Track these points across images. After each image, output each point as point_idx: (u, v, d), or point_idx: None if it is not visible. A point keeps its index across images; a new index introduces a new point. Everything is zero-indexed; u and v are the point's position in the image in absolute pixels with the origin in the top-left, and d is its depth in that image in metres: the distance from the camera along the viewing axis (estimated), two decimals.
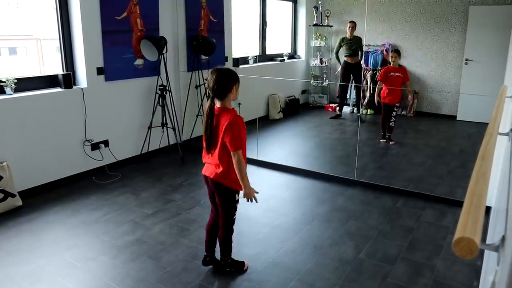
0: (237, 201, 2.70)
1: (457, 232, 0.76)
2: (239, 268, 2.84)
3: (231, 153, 2.49)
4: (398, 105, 5.89)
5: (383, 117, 5.95)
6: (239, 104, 6.56)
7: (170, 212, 3.72)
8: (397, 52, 5.77)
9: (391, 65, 5.79)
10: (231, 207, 2.68)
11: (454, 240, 0.74)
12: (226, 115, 2.48)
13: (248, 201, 2.59)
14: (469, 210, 0.84)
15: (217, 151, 2.53)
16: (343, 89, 7.40)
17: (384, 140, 5.99)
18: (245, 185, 2.56)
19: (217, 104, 2.51)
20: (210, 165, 2.63)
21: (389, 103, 5.80)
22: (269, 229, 3.43)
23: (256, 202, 2.62)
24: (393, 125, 5.88)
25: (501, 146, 2.76)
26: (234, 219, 2.74)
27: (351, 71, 7.17)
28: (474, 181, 1.01)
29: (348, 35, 7.09)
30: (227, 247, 2.78)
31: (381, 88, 5.87)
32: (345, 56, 7.16)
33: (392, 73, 5.73)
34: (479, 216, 0.82)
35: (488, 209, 3.15)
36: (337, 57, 7.32)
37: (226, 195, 2.65)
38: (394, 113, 5.84)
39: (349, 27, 7.08)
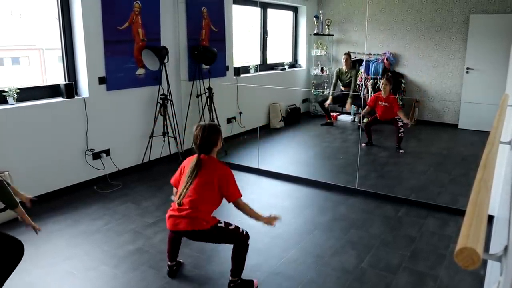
0: (229, 226, 2.62)
1: (459, 243, 0.75)
2: (251, 287, 2.73)
3: (234, 203, 2.61)
4: (398, 118, 5.90)
5: (368, 123, 6.13)
6: (240, 113, 6.60)
7: None
8: (388, 80, 5.84)
9: (381, 92, 5.85)
10: (228, 234, 2.62)
11: (456, 250, 0.74)
12: (212, 165, 2.63)
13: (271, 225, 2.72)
14: (471, 220, 0.84)
15: (197, 197, 2.55)
16: (322, 102, 7.59)
17: (364, 144, 6.13)
18: (260, 219, 2.66)
19: (202, 157, 2.68)
20: (181, 218, 2.55)
21: (383, 120, 6.02)
22: (270, 239, 3.41)
23: (275, 223, 2.73)
24: (402, 135, 5.89)
25: (503, 154, 2.75)
26: (244, 234, 2.65)
27: (344, 98, 7.38)
28: (476, 191, 1.01)
29: (344, 67, 7.45)
30: (242, 264, 2.68)
31: (368, 112, 6.19)
32: (342, 86, 7.60)
33: (380, 102, 5.86)
34: (481, 226, 0.82)
35: (491, 218, 3.13)
36: (334, 90, 7.62)
37: (214, 235, 2.58)
38: (400, 123, 5.85)
39: (344, 59, 7.43)
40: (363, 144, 6.09)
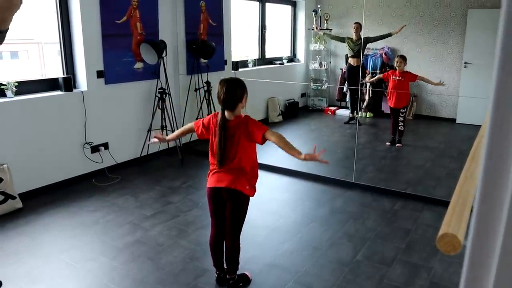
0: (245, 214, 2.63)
1: (441, 229, 0.78)
2: (246, 280, 2.75)
3: (267, 136, 2.52)
4: (403, 110, 5.89)
5: (392, 121, 6.03)
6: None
7: (169, 214, 3.74)
8: (402, 57, 5.79)
9: (397, 69, 5.80)
10: (243, 217, 2.60)
11: (438, 236, 0.76)
12: (242, 122, 2.53)
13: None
14: (455, 208, 0.86)
15: (238, 158, 2.50)
16: (352, 92, 7.31)
17: (389, 144, 6.03)
18: (300, 153, 2.52)
19: (227, 115, 2.52)
20: (225, 175, 2.50)
21: (394, 106, 5.88)
22: (268, 231, 3.45)
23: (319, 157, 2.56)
24: (402, 129, 5.91)
25: None
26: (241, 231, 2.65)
27: (356, 73, 7.14)
28: (462, 180, 1.03)
29: (354, 37, 6.96)
30: (237, 263, 2.67)
31: (379, 78, 6.17)
32: (350, 57, 7.05)
33: (393, 77, 5.78)
34: (464, 213, 0.84)
35: None
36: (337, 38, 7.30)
37: (243, 204, 2.55)
38: (402, 117, 5.87)
39: (354, 28, 6.90)
40: (387, 143, 6.06)
